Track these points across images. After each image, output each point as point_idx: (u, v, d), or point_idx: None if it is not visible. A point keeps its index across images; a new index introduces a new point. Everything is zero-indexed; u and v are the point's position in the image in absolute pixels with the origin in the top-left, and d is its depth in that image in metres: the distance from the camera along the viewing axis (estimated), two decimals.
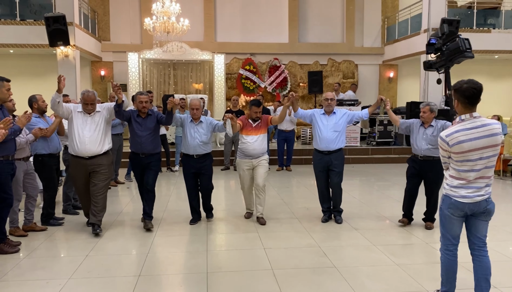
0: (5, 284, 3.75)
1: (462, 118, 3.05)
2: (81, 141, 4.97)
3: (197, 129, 5.43)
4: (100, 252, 4.55)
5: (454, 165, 3.09)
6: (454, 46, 4.24)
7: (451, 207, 3.11)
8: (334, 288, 3.67)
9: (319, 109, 5.66)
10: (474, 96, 3.00)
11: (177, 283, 3.83)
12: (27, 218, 5.24)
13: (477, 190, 3.06)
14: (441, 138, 3.10)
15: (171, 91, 13.43)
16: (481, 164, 3.02)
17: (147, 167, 5.33)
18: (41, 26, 10.86)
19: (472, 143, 2.98)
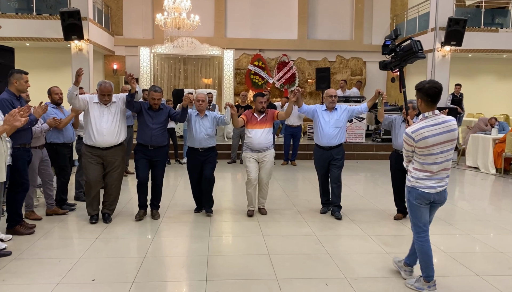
0: (21, 262, 4.07)
1: (426, 116, 3.34)
2: (99, 132, 5.05)
3: (202, 122, 5.54)
4: (109, 235, 4.85)
5: (418, 159, 3.36)
6: (408, 48, 4.40)
7: (418, 197, 3.40)
8: (326, 273, 3.92)
9: (320, 105, 5.76)
10: (436, 95, 3.29)
11: (180, 264, 4.12)
12: (48, 202, 5.57)
13: (439, 180, 3.38)
14: (407, 135, 3.35)
15: (181, 86, 13.73)
16: (442, 157, 3.33)
17: (155, 161, 5.38)
18: (57, 20, 11.24)
19: (435, 138, 3.27)
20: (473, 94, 14.95)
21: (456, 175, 9.43)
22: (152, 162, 5.39)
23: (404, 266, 3.80)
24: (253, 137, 5.53)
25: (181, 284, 3.70)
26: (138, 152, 5.39)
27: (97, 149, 5.11)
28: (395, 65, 4.70)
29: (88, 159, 5.18)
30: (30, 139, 4.95)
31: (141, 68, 13.42)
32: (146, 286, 3.60)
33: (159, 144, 5.37)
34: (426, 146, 3.29)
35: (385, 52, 4.76)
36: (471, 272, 3.99)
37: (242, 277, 3.81)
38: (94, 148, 5.12)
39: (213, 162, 5.71)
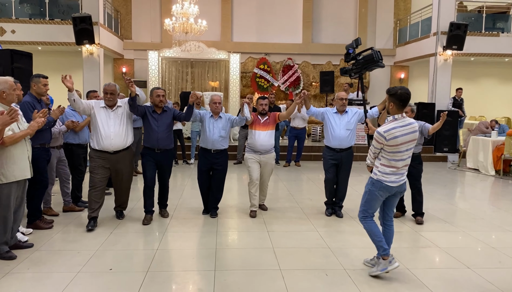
0: (42, 253, 4.38)
1: (396, 117, 3.74)
2: (106, 136, 5.07)
3: (216, 124, 5.61)
4: (123, 229, 5.16)
5: (386, 155, 3.76)
6: (369, 57, 4.79)
7: (382, 189, 3.80)
8: (326, 264, 4.20)
9: (331, 108, 5.87)
10: (407, 100, 3.70)
11: (190, 256, 4.41)
12: (65, 199, 5.90)
13: (401, 175, 3.82)
14: (379, 134, 3.70)
15: (189, 89, 14.06)
16: (406, 154, 3.77)
17: (162, 164, 5.46)
18: (69, 25, 11.61)
19: (404, 137, 3.68)
20: (475, 97, 15.17)
21: (457, 176, 9.68)
22: (159, 164, 5.47)
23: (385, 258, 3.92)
24: (256, 139, 5.68)
25: (191, 274, 3.99)
26: (145, 155, 5.45)
27: (105, 153, 5.13)
28: (356, 72, 5.03)
29: (95, 163, 5.16)
30: (50, 140, 5.28)
31: (150, 72, 13.77)
32: (159, 275, 3.90)
33: (165, 147, 5.43)
34: (396, 144, 3.68)
35: (347, 60, 5.06)
36: (462, 265, 4.26)
37: (248, 268, 4.11)
38: (102, 152, 5.13)
39: (225, 167, 5.75)
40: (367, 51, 5.01)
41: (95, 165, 5.16)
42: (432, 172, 10.07)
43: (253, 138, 5.73)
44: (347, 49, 5.09)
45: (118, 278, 3.81)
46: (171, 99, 13.36)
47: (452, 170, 10.45)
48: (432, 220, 5.86)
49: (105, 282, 3.72)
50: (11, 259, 4.13)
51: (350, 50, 5.06)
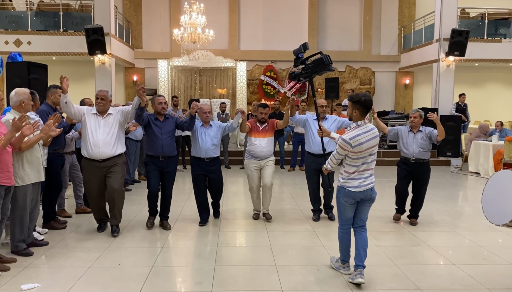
0: (57, 251, 4.75)
1: (359, 124, 3.79)
2: (95, 144, 5.00)
3: (208, 133, 5.63)
4: (131, 230, 5.50)
5: (350, 162, 3.83)
6: (319, 61, 4.80)
7: (346, 195, 3.85)
8: (319, 261, 4.50)
9: (311, 115, 6.08)
10: (370, 106, 3.77)
11: (192, 253, 4.75)
12: (78, 202, 6.28)
13: (364, 179, 3.84)
14: (345, 141, 3.75)
15: (197, 96, 14.47)
16: (371, 158, 3.84)
17: (166, 172, 5.44)
18: (82, 36, 12.10)
19: (368, 143, 3.75)
20: (480, 102, 15.32)
21: (458, 180, 9.88)
22: (163, 172, 5.45)
23: (342, 264, 4.18)
24: (256, 146, 5.79)
25: (193, 269, 4.32)
26: (149, 164, 5.43)
27: (94, 161, 5.06)
28: (306, 76, 4.97)
29: (87, 173, 5.14)
30: (63, 146, 5.66)
31: (160, 80, 14.22)
32: (164, 270, 4.24)
33: (170, 154, 5.43)
34: (361, 150, 3.75)
35: (296, 64, 5.01)
36: (448, 262, 4.52)
37: (246, 264, 4.43)
38: (91, 160, 5.06)
39: (219, 173, 5.83)
40: (316, 55, 4.97)
41: (88, 177, 5.15)
42: (434, 175, 10.22)
43: (252, 145, 5.84)
44: (295, 54, 4.99)
45: (126, 272, 4.14)
46: (180, 106, 13.77)
47: (454, 174, 10.65)
48: (425, 220, 6.11)
49: (114, 276, 4.06)
50: (28, 255, 4.50)
51: (299, 54, 4.96)
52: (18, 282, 3.85)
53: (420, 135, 5.74)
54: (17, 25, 13.00)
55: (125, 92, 15.81)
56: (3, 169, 4.03)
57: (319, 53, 4.94)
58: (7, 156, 4.10)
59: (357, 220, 4.00)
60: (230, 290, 3.79)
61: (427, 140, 5.74)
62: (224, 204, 6.79)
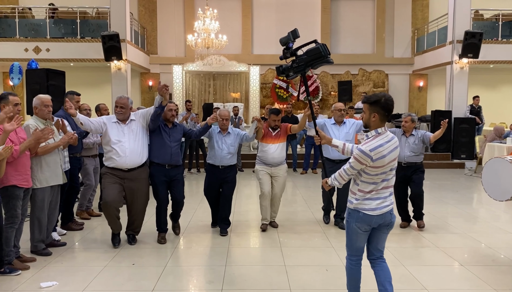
0: (74, 251, 4.94)
1: (379, 132, 3.05)
2: (121, 153, 4.78)
3: (225, 140, 5.46)
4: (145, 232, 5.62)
5: (367, 178, 3.07)
6: (315, 51, 3.96)
7: (360, 220, 3.10)
8: (327, 261, 4.58)
9: (329, 119, 5.89)
10: (392, 109, 3.04)
11: (205, 253, 4.88)
12: (87, 205, 6.46)
13: (383, 200, 3.08)
14: (364, 153, 2.97)
15: (211, 100, 14.65)
16: (391, 174, 3.10)
17: (174, 180, 5.19)
18: (98, 43, 12.37)
19: (390, 155, 3.02)
20: (495, 104, 15.17)
21: (472, 182, 9.83)
22: (170, 181, 5.20)
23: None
24: (267, 152, 5.58)
25: (204, 268, 4.45)
26: (155, 174, 5.11)
27: (119, 170, 4.84)
28: (298, 71, 4.12)
29: (108, 179, 4.87)
30: (81, 150, 5.86)
31: (174, 84, 14.45)
32: (176, 270, 4.37)
33: (176, 163, 5.18)
34: (383, 164, 3.01)
35: (286, 56, 4.15)
36: (456, 263, 4.56)
37: (255, 264, 4.54)
38: (116, 170, 4.84)
39: (233, 181, 5.60)
40: (310, 45, 4.10)
41: (108, 181, 4.85)
42: (448, 178, 10.26)
43: (264, 151, 5.62)
44: (283, 43, 4.15)
45: (139, 271, 4.29)
46: (194, 110, 13.97)
47: (468, 176, 10.59)
48: (435, 222, 6.14)
49: (128, 275, 4.21)
50: (47, 255, 4.68)
51: (289, 44, 4.12)
52: (37, 280, 4.03)
53: (412, 139, 5.68)
54: (36, 33, 13.37)
55: (141, 97, 16.10)
56: (21, 172, 4.22)
57: (313, 42, 4.07)
58: (25, 159, 4.30)
59: (374, 251, 3.28)
60: (240, 289, 3.91)
61: (420, 144, 5.69)
62: (237, 205, 6.91)
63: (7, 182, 4.11)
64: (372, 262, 3.30)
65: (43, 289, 3.86)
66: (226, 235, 5.50)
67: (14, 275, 4.10)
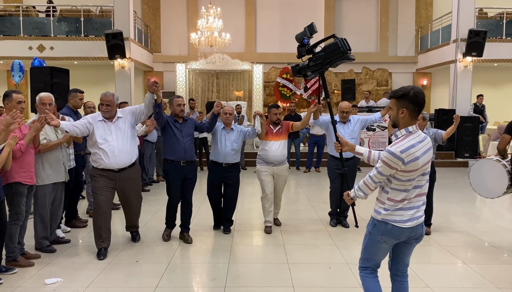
0: (78, 248, 4.97)
1: (410, 131, 2.68)
2: (109, 153, 4.51)
3: (229, 136, 5.33)
4: (149, 230, 5.65)
5: (397, 185, 2.70)
6: (334, 47, 3.58)
7: (387, 233, 2.73)
8: (330, 259, 4.59)
9: (335, 117, 5.68)
10: (423, 103, 2.67)
11: (208, 251, 4.90)
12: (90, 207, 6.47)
13: (416, 210, 2.72)
14: (394, 155, 2.60)
15: (214, 98, 14.68)
16: (424, 180, 2.74)
17: (187, 178, 5.09)
18: (102, 41, 12.41)
19: (424, 157, 2.66)
20: (499, 102, 15.12)
21: None
22: (184, 179, 5.09)
23: None
24: (269, 150, 5.40)
25: (208, 266, 4.47)
26: (169, 171, 5.04)
27: (109, 171, 4.57)
28: (315, 70, 3.72)
29: (98, 184, 4.58)
30: (84, 148, 5.87)
31: (178, 83, 14.48)
32: (179, 267, 4.40)
33: (191, 158, 5.09)
34: (416, 168, 2.63)
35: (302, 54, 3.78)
36: (459, 261, 4.56)
37: (258, 261, 4.56)
38: (105, 171, 4.57)
39: (237, 182, 5.48)
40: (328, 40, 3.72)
41: (98, 186, 4.58)
42: (451, 177, 10.23)
43: (265, 149, 5.45)
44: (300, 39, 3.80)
45: (143, 269, 4.32)
46: (197, 108, 13.99)
47: None
48: (438, 220, 6.13)
49: (132, 272, 4.23)
50: (51, 252, 4.71)
51: (305, 40, 3.76)
52: (42, 276, 4.05)
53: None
54: (40, 31, 13.42)
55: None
56: (26, 169, 4.25)
57: (332, 37, 3.69)
58: (29, 156, 4.32)
59: (399, 266, 2.93)
60: (243, 286, 3.92)
61: (432, 142, 5.37)
62: (240, 204, 6.92)
63: (11, 179, 4.14)
64: (394, 277, 2.97)
65: (48, 285, 3.89)
66: (229, 233, 5.49)
67: (11, 274, 4.09)
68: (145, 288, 3.84)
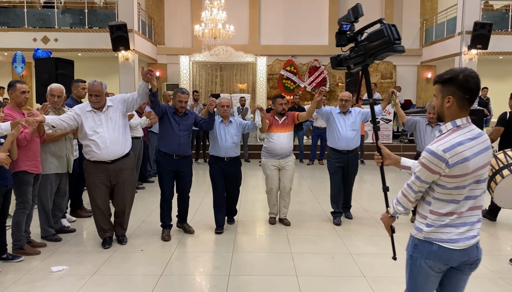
0: (83, 237, 5.04)
1: (458, 124, 2.13)
2: (101, 144, 4.32)
3: (228, 130, 5.12)
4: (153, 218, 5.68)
5: (441, 194, 2.14)
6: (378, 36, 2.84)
7: (432, 256, 2.17)
8: (333, 249, 4.62)
9: (335, 108, 5.63)
10: (477, 89, 2.10)
11: (212, 240, 4.93)
12: None
13: (470, 227, 2.15)
14: (434, 155, 2.07)
15: (218, 91, 14.69)
16: (480, 189, 2.16)
17: (182, 173, 4.93)
18: (106, 33, 12.41)
19: (476, 159, 2.09)
20: (504, 95, 15.00)
21: None
22: (178, 173, 4.93)
23: None
24: (275, 142, 5.26)
25: (212, 255, 4.52)
26: (161, 163, 4.89)
27: (102, 163, 4.40)
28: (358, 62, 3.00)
29: (92, 178, 4.46)
30: None
31: (181, 75, 14.49)
32: (184, 256, 4.44)
33: (184, 154, 4.90)
34: (466, 172, 2.07)
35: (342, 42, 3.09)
36: None
37: (262, 251, 4.60)
38: (98, 163, 4.41)
39: (239, 176, 5.33)
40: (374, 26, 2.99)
41: (92, 181, 4.47)
42: None
43: (271, 142, 5.29)
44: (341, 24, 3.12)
45: (148, 257, 4.36)
46: (201, 101, 14.02)
47: None
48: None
49: (137, 260, 4.28)
50: (57, 241, 4.77)
51: (344, 26, 3.09)
52: (48, 264, 4.11)
53: (439, 129, 5.47)
54: (44, 22, 13.43)
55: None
56: (32, 158, 4.29)
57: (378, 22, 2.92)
58: (35, 145, 4.36)
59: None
60: (247, 274, 3.96)
61: None
62: (244, 195, 6.92)
63: (18, 168, 4.18)
64: None
65: (54, 273, 3.93)
66: (233, 223, 5.50)
67: (17, 261, 4.15)
68: (150, 276, 3.88)
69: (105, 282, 3.77)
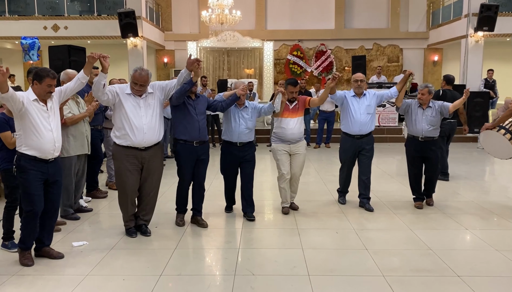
0: (99, 216, 5.29)
1: None
2: (138, 130, 4.19)
3: (242, 114, 4.94)
4: (165, 198, 5.93)
5: None
6: None
7: None
8: (338, 225, 4.85)
9: (348, 91, 5.46)
10: None
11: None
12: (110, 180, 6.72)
13: None
14: None
15: (225, 76, 14.85)
16: None
17: (201, 160, 4.75)
18: (115, 20, 12.60)
19: None
20: (511, 77, 15.05)
21: (484, 156, 9.93)
22: (197, 160, 4.74)
23: None
24: (286, 127, 5.11)
25: (222, 231, 4.78)
26: (181, 153, 4.68)
27: (134, 149, 4.26)
28: None
29: (124, 164, 4.29)
30: (102, 122, 6.14)
31: None
32: (195, 232, 4.69)
33: (204, 139, 4.74)
34: None
35: None
36: (460, 227, 4.78)
37: (270, 227, 4.85)
38: (131, 149, 4.25)
39: (253, 160, 5.14)
40: None
41: (123, 168, 4.30)
42: (460, 151, 10.35)
43: (282, 127, 5.15)
44: None
45: (162, 233, 4.62)
46: (209, 86, 14.20)
47: (481, 150, 10.65)
48: (445, 192, 6.33)
49: (152, 236, 4.52)
50: (76, 219, 5.04)
51: None
52: (69, 240, 4.38)
53: (430, 111, 5.28)
54: (54, 10, 13.64)
55: (156, 73, 16.35)
56: None
57: None
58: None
59: None
60: (256, 248, 4.21)
61: (438, 116, 5.34)
62: None
63: None
64: None
65: (75, 247, 4.20)
66: (253, 220, 5.03)
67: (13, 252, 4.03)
68: (165, 250, 4.14)
69: (124, 255, 4.04)
